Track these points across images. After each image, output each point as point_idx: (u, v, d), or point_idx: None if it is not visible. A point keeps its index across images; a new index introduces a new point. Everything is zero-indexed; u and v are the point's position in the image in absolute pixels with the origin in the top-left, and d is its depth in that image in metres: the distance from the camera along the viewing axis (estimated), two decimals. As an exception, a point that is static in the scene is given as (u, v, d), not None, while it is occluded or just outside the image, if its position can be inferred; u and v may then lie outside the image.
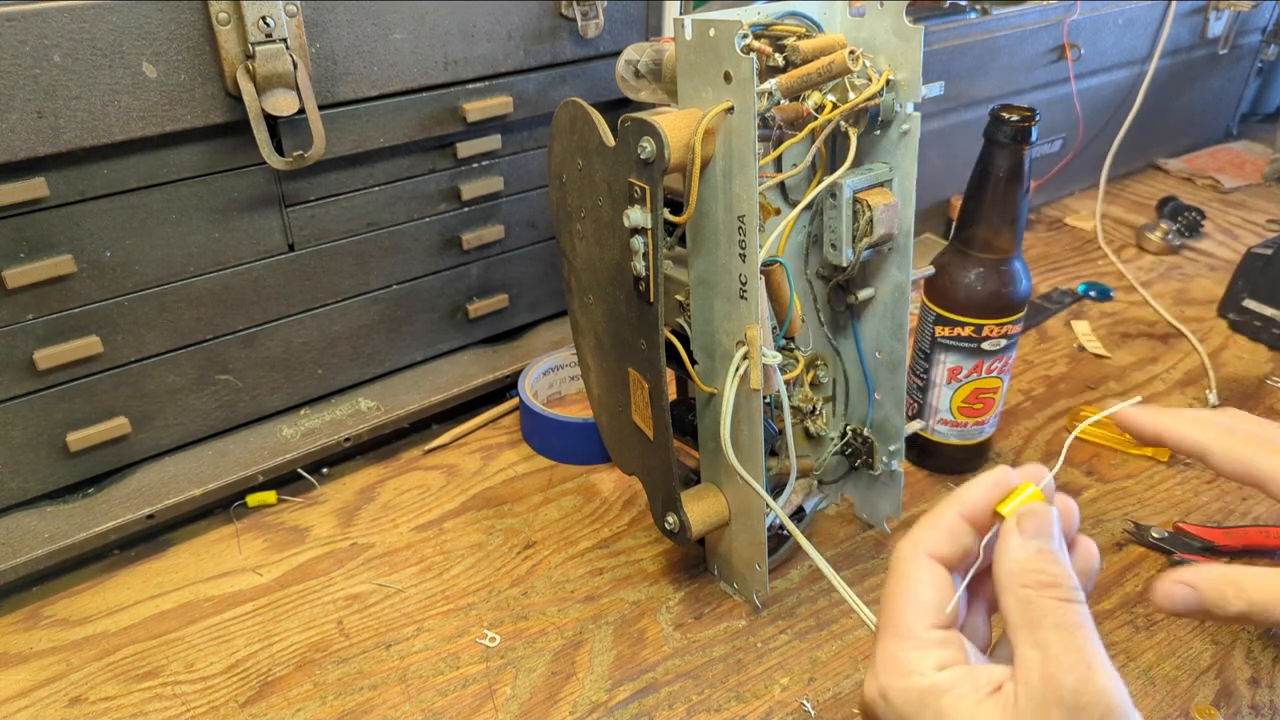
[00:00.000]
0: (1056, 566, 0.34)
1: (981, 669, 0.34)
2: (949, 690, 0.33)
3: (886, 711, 0.34)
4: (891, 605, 0.36)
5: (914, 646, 0.34)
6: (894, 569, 0.37)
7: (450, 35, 0.69)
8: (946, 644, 0.35)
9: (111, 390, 0.65)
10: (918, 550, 0.36)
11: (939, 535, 0.36)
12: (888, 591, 0.36)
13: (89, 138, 0.57)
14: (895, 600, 0.36)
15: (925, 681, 0.33)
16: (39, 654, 0.60)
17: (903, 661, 0.34)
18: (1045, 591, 0.33)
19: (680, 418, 0.63)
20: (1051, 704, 0.31)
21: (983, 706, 0.33)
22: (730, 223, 0.51)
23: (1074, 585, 0.34)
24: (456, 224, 0.77)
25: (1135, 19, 1.14)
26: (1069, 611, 0.33)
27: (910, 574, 0.36)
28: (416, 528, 0.70)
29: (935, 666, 0.34)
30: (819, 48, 0.53)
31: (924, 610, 0.35)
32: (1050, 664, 0.32)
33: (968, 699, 0.33)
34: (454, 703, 0.56)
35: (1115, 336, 0.93)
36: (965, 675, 0.33)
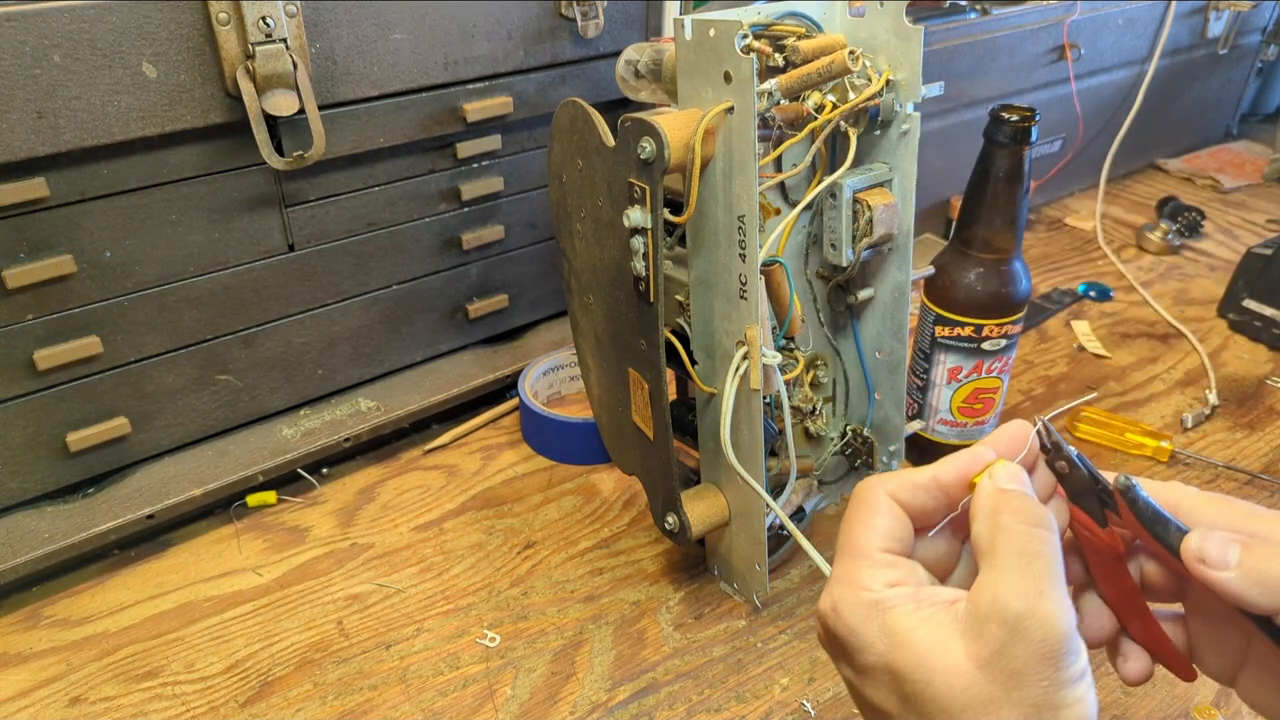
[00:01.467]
0: (1029, 499, 0.35)
1: (929, 589, 0.35)
2: (895, 605, 0.34)
3: (836, 623, 0.35)
4: (848, 529, 0.37)
5: (867, 565, 0.35)
6: (854, 498, 0.38)
7: (450, 35, 0.69)
8: (896, 566, 0.36)
9: (111, 390, 0.65)
10: (879, 486, 0.38)
11: (903, 482, 0.38)
12: (846, 518, 0.38)
13: (89, 138, 0.57)
14: (852, 524, 0.37)
15: (874, 596, 0.35)
16: (39, 654, 0.60)
17: (854, 577, 0.35)
18: (1015, 515, 0.34)
19: (680, 418, 0.63)
20: (993, 621, 0.32)
21: (922, 614, 0.33)
22: (730, 223, 0.51)
23: (1044, 516, 0.34)
24: (456, 224, 0.77)
25: (1135, 19, 1.14)
26: (1033, 538, 0.33)
27: (869, 503, 0.37)
28: (416, 528, 0.70)
29: (885, 584, 0.35)
30: (819, 48, 0.53)
31: (878, 534, 0.36)
32: (1002, 586, 0.32)
33: (911, 612, 0.34)
34: (454, 703, 0.56)
35: (1115, 336, 0.93)
36: (911, 593, 0.35)
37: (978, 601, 0.33)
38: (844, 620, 0.35)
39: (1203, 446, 0.77)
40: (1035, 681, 0.31)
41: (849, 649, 0.35)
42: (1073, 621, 0.32)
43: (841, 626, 0.35)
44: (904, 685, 0.33)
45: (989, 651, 0.31)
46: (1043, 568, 0.33)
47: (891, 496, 0.37)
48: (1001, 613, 0.32)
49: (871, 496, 0.37)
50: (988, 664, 0.31)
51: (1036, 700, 0.31)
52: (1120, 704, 0.56)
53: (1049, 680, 0.31)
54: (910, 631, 0.33)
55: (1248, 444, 0.78)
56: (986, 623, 0.32)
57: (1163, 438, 0.76)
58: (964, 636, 0.32)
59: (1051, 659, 0.31)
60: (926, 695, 0.32)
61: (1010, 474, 0.36)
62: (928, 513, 0.38)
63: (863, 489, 0.38)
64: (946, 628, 0.33)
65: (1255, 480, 0.73)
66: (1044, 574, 0.32)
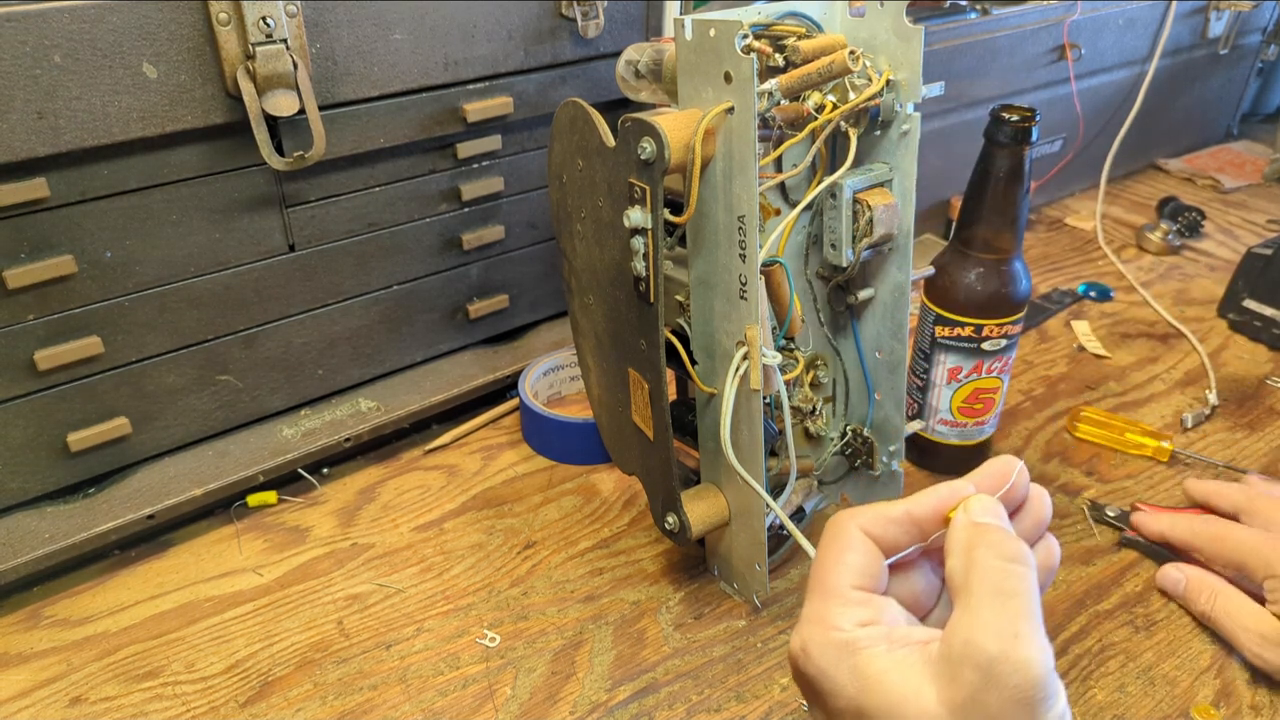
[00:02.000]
0: (1006, 534, 0.34)
1: (901, 629, 0.34)
2: (867, 646, 0.33)
3: (807, 664, 0.35)
4: (819, 566, 0.36)
5: (837, 604, 0.35)
6: (826, 534, 0.37)
7: (450, 35, 0.69)
8: (868, 604, 0.35)
9: (112, 390, 0.65)
10: (851, 521, 0.37)
11: (875, 516, 0.37)
12: (818, 555, 0.37)
13: (89, 138, 0.57)
14: (823, 562, 0.36)
15: (844, 636, 0.34)
16: (39, 654, 0.60)
17: (825, 617, 0.35)
18: (990, 550, 0.33)
19: (680, 418, 0.63)
20: (967, 665, 0.31)
21: (894, 656, 0.33)
22: (730, 223, 0.51)
23: (1022, 552, 0.33)
24: (457, 224, 0.77)
25: (1135, 19, 1.14)
26: (1009, 576, 0.32)
27: (839, 539, 0.36)
28: (416, 528, 0.70)
29: (856, 623, 0.34)
30: (819, 48, 0.53)
31: (849, 571, 0.36)
32: (976, 628, 0.31)
33: (883, 654, 0.33)
34: (454, 703, 0.56)
35: (1115, 337, 0.93)
36: (884, 633, 0.34)
37: (951, 643, 0.31)
38: (814, 661, 0.34)
39: (1203, 446, 0.77)
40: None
41: (820, 691, 0.34)
42: (1050, 664, 0.30)
43: (812, 668, 0.34)
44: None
45: (962, 697, 0.30)
46: (1019, 607, 0.31)
47: (864, 531, 0.36)
48: (975, 656, 0.30)
49: (843, 532, 0.36)
50: (960, 710, 0.30)
51: None
52: (1120, 704, 0.56)
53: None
54: (882, 675, 0.32)
55: (1248, 444, 0.78)
56: (960, 666, 0.31)
57: (1163, 438, 0.76)
58: (936, 680, 0.31)
59: (1027, 705, 0.30)
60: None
61: (986, 507, 0.35)
62: (901, 548, 0.37)
63: (834, 524, 0.37)
64: (919, 670, 0.32)
65: (1255, 480, 0.73)
66: (1020, 614, 0.31)
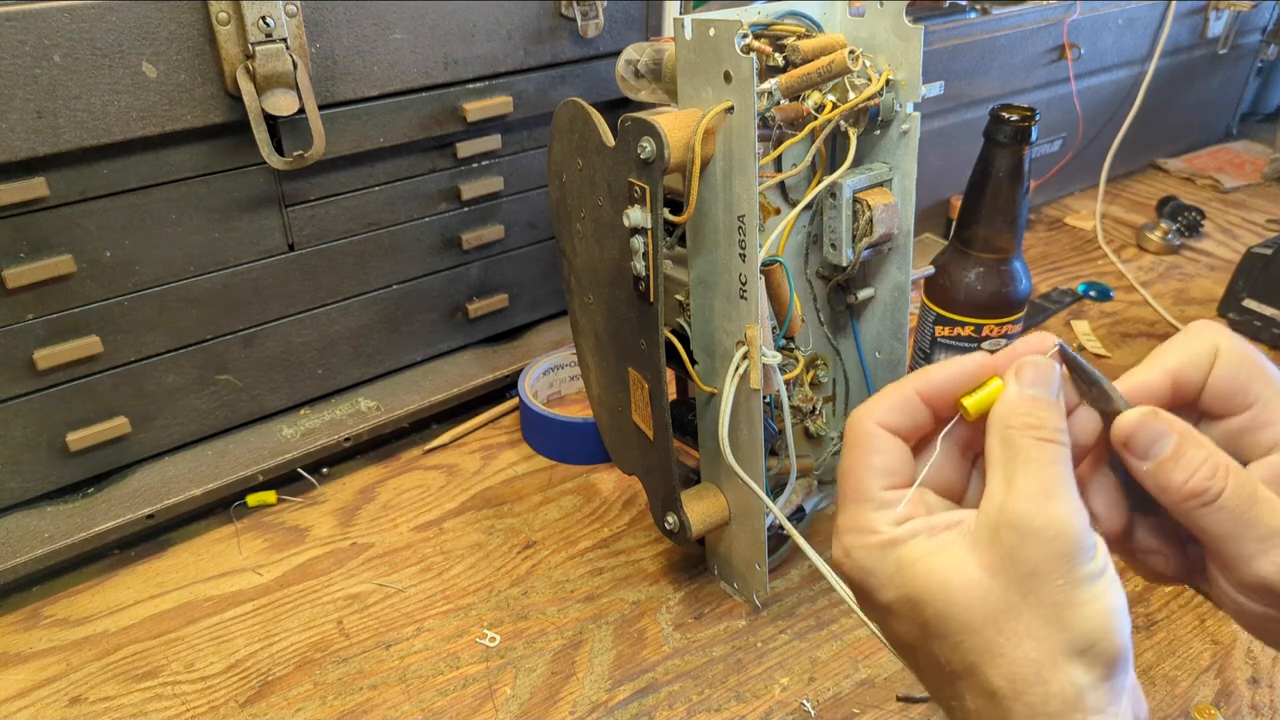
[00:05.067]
0: (1046, 411, 0.34)
1: (939, 516, 0.34)
2: (907, 539, 0.33)
3: (851, 568, 0.35)
4: (847, 474, 0.36)
5: (871, 509, 0.35)
6: (847, 440, 0.37)
7: (450, 35, 0.69)
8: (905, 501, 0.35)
9: (111, 390, 0.65)
10: (866, 419, 0.36)
11: (889, 405, 0.36)
12: (843, 462, 0.37)
13: (89, 138, 0.57)
14: (850, 469, 0.36)
15: (883, 537, 0.34)
16: (39, 654, 0.60)
17: (861, 524, 0.35)
18: (1027, 431, 0.33)
19: (680, 418, 0.63)
20: (1003, 527, 0.31)
21: (936, 540, 0.33)
22: (730, 223, 0.51)
23: (1058, 428, 0.33)
24: (456, 224, 0.77)
25: (1135, 19, 1.14)
26: (1045, 450, 0.32)
27: (861, 442, 0.36)
28: (416, 527, 0.70)
29: (892, 523, 0.34)
30: (819, 48, 0.53)
31: (877, 473, 0.35)
32: (1011, 494, 0.32)
33: (924, 542, 0.33)
34: (454, 703, 0.56)
35: (1115, 336, 0.93)
36: (922, 524, 0.34)
37: (986, 511, 0.32)
38: (857, 563, 0.34)
39: (1203, 446, 0.77)
40: (1051, 580, 0.30)
41: (867, 590, 0.34)
42: (1085, 519, 0.31)
43: (855, 570, 0.34)
44: (924, 611, 0.32)
45: (1000, 557, 0.31)
46: (1053, 474, 0.32)
47: (882, 426, 0.36)
48: (1010, 517, 0.31)
49: (863, 433, 0.36)
50: (1001, 570, 0.31)
51: (1055, 599, 0.30)
52: (1120, 704, 0.56)
53: (1064, 578, 0.30)
54: (926, 559, 0.33)
55: (1248, 444, 0.77)
56: (996, 529, 0.31)
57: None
58: (975, 549, 0.32)
59: (1065, 557, 0.30)
60: (946, 615, 0.32)
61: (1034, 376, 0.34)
62: (919, 427, 0.36)
63: (852, 425, 0.36)
64: (960, 546, 0.32)
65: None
66: (1053, 479, 0.32)
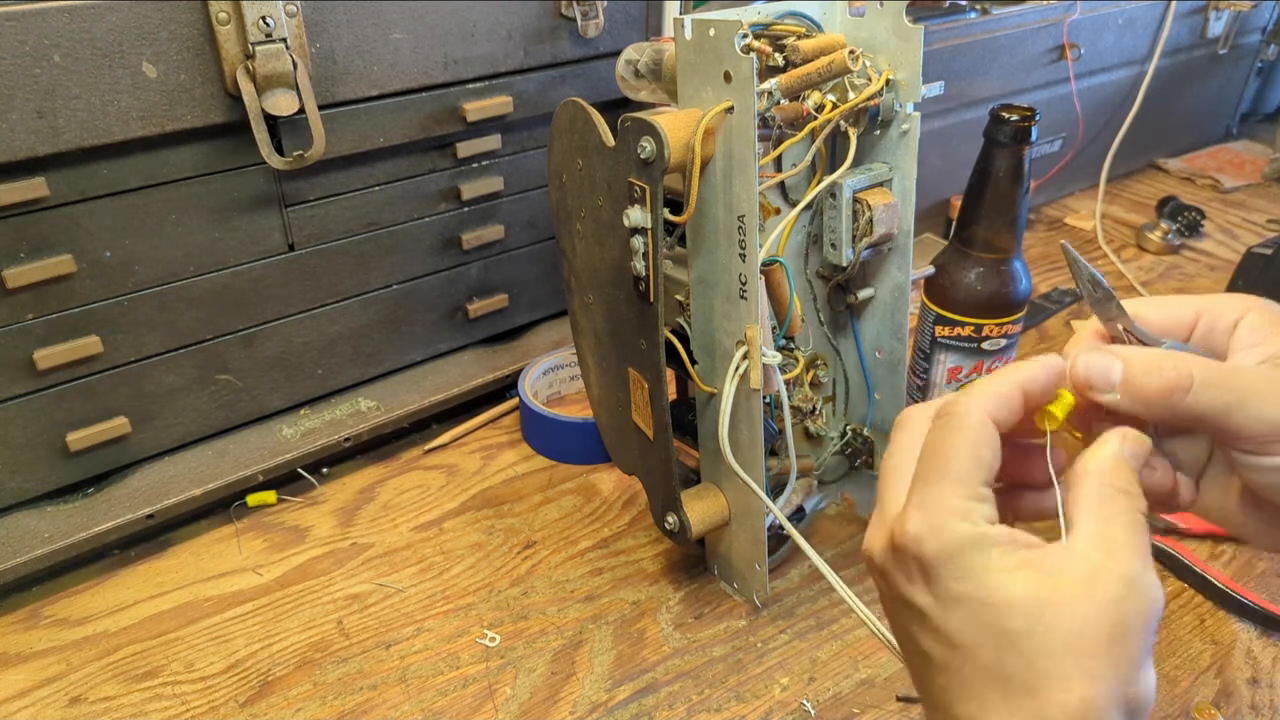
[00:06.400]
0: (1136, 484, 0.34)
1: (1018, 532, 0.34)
2: (1000, 542, 0.33)
3: (926, 547, 0.33)
4: (948, 456, 0.34)
5: (971, 497, 0.34)
6: (953, 421, 0.35)
7: (450, 35, 0.69)
8: (993, 503, 0.34)
9: (111, 390, 0.65)
10: (979, 408, 0.35)
11: (1000, 400, 0.35)
12: (942, 439, 0.35)
13: (89, 138, 0.57)
14: (955, 448, 0.34)
15: (976, 530, 0.33)
16: (39, 654, 0.60)
17: (957, 506, 0.33)
18: (1123, 496, 0.33)
19: (680, 417, 0.63)
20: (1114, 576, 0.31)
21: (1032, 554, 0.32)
22: (730, 222, 0.51)
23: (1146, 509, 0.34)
24: (456, 224, 0.77)
25: (1135, 19, 1.14)
26: (1139, 518, 0.33)
27: (972, 429, 0.34)
28: (416, 527, 0.70)
29: (986, 520, 0.33)
30: (819, 47, 0.53)
31: (982, 466, 0.34)
32: (1118, 548, 0.32)
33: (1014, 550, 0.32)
34: (454, 703, 0.56)
35: (1115, 336, 0.93)
36: (1007, 534, 0.33)
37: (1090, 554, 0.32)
38: (942, 545, 0.33)
39: (1203, 446, 0.77)
40: (1137, 642, 0.31)
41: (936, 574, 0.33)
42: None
43: (937, 550, 0.33)
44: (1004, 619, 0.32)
45: (1108, 600, 0.31)
46: (1145, 543, 0.33)
47: (992, 419, 0.35)
48: (1121, 569, 0.31)
49: (976, 421, 0.35)
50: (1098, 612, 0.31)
51: (1132, 657, 0.31)
52: (1120, 704, 0.56)
53: (1143, 646, 0.31)
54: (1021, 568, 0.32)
55: (1248, 444, 0.78)
56: (1106, 575, 0.31)
57: (1163, 437, 0.76)
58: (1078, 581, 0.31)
59: (1150, 627, 0.31)
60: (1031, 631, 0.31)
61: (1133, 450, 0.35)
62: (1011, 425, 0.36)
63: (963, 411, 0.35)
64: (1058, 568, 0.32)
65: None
66: (1147, 549, 0.32)
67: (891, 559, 0.35)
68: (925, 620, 0.34)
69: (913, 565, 0.34)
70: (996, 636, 0.32)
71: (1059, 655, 0.31)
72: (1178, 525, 0.67)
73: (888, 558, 0.35)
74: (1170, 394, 0.34)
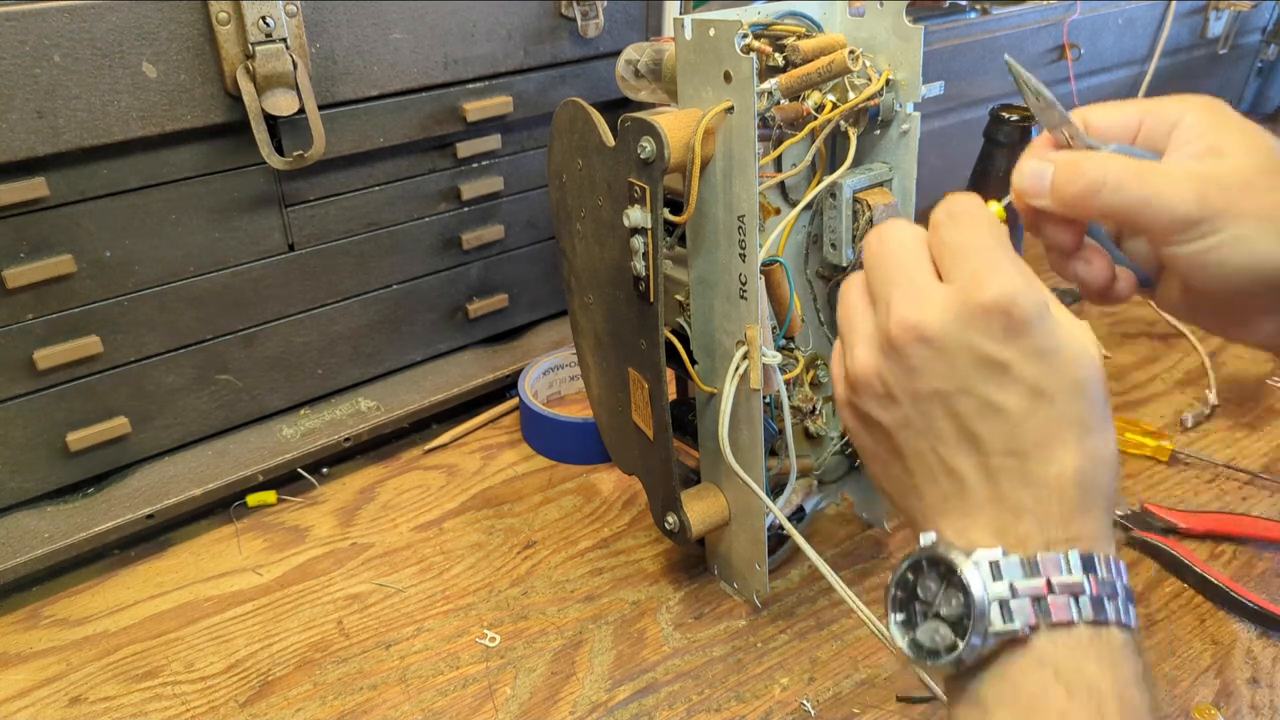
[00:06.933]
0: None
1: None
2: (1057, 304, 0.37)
3: (1009, 306, 0.35)
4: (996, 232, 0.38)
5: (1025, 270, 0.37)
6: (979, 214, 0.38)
7: (450, 35, 0.69)
8: None
9: (111, 390, 0.65)
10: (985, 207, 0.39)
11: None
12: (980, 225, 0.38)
13: (89, 138, 0.57)
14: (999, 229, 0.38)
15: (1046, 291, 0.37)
16: (39, 654, 0.60)
17: (1029, 272, 0.37)
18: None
19: (680, 418, 0.63)
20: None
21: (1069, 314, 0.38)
22: (730, 222, 0.51)
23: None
24: (456, 224, 0.77)
25: (1135, 19, 1.14)
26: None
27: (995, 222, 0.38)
28: (416, 527, 0.70)
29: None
30: (819, 48, 0.53)
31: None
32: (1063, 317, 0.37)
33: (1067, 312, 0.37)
34: (454, 703, 0.56)
35: (1115, 336, 0.93)
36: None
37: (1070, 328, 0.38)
38: (1034, 302, 0.36)
39: (1203, 446, 0.77)
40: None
41: (1029, 329, 0.35)
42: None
43: (1028, 306, 0.35)
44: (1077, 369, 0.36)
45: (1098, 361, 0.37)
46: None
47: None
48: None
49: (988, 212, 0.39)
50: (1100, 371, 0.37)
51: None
52: (1120, 704, 0.56)
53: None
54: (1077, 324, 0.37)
55: (1248, 443, 0.78)
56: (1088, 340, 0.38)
57: (1163, 437, 0.76)
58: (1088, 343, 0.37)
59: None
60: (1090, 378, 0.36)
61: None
62: None
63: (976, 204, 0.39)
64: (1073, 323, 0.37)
65: (1255, 480, 0.73)
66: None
67: (972, 323, 0.36)
68: (1008, 372, 0.36)
69: (998, 322, 0.35)
70: (1072, 384, 0.35)
71: (1102, 405, 0.36)
72: (1177, 525, 0.67)
73: (961, 325, 0.36)
74: (1086, 195, 0.38)
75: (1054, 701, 0.33)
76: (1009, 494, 0.35)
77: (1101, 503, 0.36)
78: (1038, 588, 0.33)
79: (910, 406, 0.37)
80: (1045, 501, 0.35)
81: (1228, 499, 0.71)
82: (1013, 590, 0.33)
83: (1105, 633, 0.34)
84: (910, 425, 0.38)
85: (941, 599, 0.35)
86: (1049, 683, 0.33)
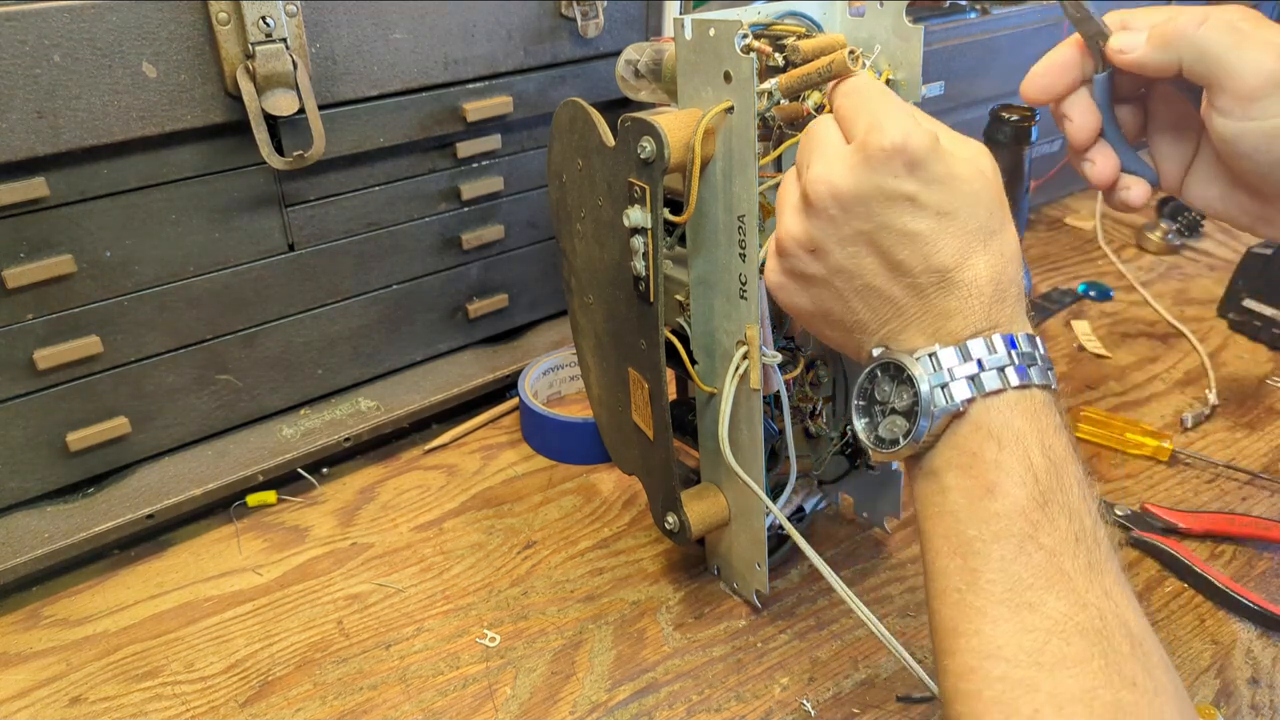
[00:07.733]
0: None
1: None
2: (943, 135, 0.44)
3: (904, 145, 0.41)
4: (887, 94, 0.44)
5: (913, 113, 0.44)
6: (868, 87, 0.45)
7: (450, 35, 0.69)
8: None
9: (111, 390, 0.65)
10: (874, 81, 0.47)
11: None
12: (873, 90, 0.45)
13: (89, 138, 0.57)
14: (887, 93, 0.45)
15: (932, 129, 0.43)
16: (39, 654, 0.60)
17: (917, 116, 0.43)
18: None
19: (680, 418, 0.63)
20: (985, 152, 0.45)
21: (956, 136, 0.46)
22: (730, 222, 0.51)
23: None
24: (456, 224, 0.77)
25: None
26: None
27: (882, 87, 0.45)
28: (416, 527, 0.70)
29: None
30: (819, 47, 0.53)
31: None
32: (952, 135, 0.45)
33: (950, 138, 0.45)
34: (454, 703, 0.56)
35: (1115, 336, 0.93)
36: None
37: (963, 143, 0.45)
38: (924, 139, 0.41)
39: (1203, 446, 0.77)
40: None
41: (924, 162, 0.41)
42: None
43: (920, 144, 0.41)
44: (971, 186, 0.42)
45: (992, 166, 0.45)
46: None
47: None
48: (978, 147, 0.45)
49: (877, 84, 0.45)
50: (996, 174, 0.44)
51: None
52: (1120, 704, 0.56)
53: None
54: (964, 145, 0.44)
55: (1248, 443, 0.78)
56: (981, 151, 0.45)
57: (1163, 437, 0.76)
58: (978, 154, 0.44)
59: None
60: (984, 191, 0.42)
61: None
62: None
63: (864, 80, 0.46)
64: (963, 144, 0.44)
65: (1255, 480, 0.73)
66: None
67: (876, 168, 0.41)
68: (915, 201, 0.41)
69: (898, 161, 0.41)
70: (970, 199, 0.41)
71: (999, 209, 0.42)
72: (1177, 525, 0.67)
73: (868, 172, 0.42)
74: (1187, 28, 0.43)
75: (988, 453, 0.39)
76: (937, 303, 0.42)
77: (1014, 290, 0.42)
78: (970, 369, 0.40)
79: (839, 252, 0.43)
80: (967, 300, 0.41)
81: (1228, 499, 0.71)
82: (950, 374, 0.40)
83: (1029, 394, 0.40)
84: (842, 270, 0.43)
85: (895, 396, 0.43)
86: (984, 439, 0.40)
